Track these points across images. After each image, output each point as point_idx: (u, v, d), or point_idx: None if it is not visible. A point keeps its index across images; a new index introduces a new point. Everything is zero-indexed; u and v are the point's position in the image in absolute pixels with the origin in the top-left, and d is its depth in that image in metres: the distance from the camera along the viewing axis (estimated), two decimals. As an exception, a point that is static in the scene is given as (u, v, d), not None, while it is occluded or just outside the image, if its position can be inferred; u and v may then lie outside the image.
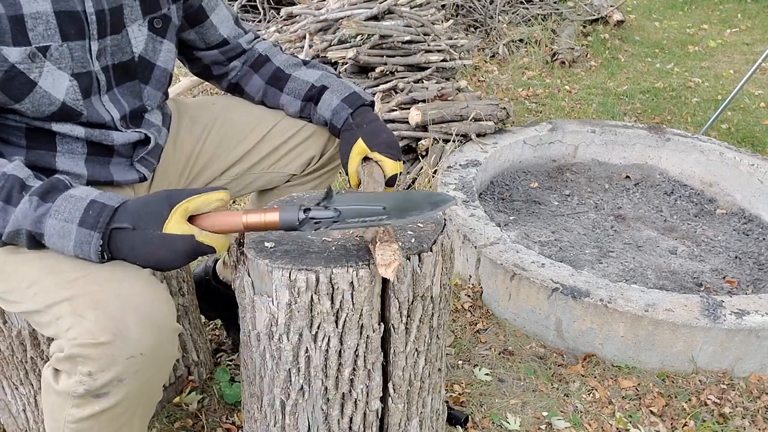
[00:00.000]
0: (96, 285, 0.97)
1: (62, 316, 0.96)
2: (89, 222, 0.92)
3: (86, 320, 0.94)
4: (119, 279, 0.98)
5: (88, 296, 0.95)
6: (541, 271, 1.93)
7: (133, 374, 0.97)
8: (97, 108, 1.13)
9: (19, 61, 0.99)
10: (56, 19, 1.01)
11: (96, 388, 0.96)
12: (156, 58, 1.21)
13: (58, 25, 1.01)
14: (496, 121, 2.86)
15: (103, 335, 0.93)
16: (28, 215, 0.93)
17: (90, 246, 0.93)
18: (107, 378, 0.95)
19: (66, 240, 0.93)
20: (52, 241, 0.94)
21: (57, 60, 1.03)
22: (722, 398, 1.74)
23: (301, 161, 1.42)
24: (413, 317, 1.06)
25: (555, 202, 2.74)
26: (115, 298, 0.95)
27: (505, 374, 1.81)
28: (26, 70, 1.01)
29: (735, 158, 2.78)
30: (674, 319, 1.76)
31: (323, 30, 3.36)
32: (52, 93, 1.05)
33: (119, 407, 1.00)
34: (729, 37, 5.77)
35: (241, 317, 1.11)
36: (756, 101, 4.18)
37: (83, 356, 0.94)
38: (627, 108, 3.97)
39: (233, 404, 1.64)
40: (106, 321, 0.94)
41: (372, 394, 1.10)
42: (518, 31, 5.02)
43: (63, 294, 0.97)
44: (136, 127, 1.22)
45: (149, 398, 1.07)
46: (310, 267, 0.97)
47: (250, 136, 1.39)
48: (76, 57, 1.05)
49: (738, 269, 2.31)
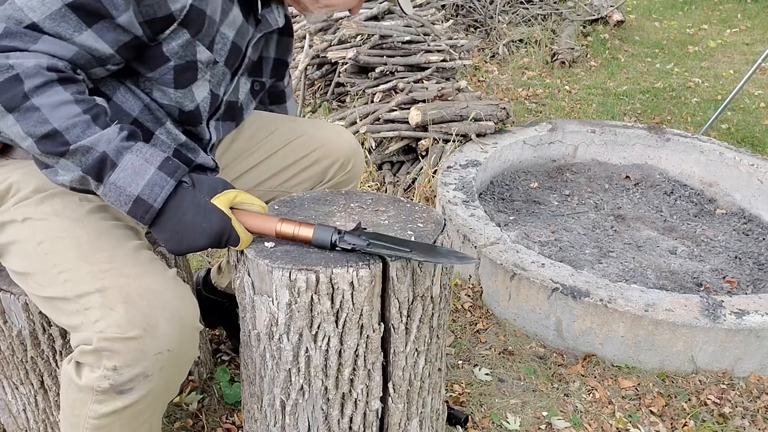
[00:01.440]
0: (127, 278, 0.98)
1: (91, 307, 0.97)
2: (168, 169, 0.97)
3: (116, 313, 0.95)
4: (150, 273, 1.00)
5: (119, 289, 0.97)
6: (541, 271, 1.93)
7: (159, 371, 0.98)
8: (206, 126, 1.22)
9: (203, 61, 1.10)
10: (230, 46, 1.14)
11: (121, 383, 0.97)
12: (246, 112, 1.33)
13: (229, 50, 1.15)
14: (496, 121, 2.86)
15: (133, 330, 0.94)
16: (112, 140, 0.94)
17: (162, 189, 0.95)
18: (133, 373, 0.96)
19: (139, 177, 0.95)
20: (122, 175, 0.94)
21: (213, 75, 1.15)
22: (722, 398, 1.74)
23: (309, 184, 1.46)
24: (413, 317, 1.06)
25: (555, 202, 2.74)
26: (145, 293, 0.97)
27: (505, 374, 1.81)
28: (201, 70, 1.11)
29: (735, 158, 2.78)
30: (674, 319, 1.76)
31: (323, 30, 3.36)
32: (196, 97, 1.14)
33: (142, 403, 1.01)
34: (729, 37, 5.77)
35: (241, 317, 1.11)
36: (756, 101, 4.19)
37: (110, 350, 0.95)
38: (627, 108, 3.97)
39: (233, 404, 1.64)
40: (136, 316, 0.95)
41: (372, 394, 1.10)
42: (518, 31, 5.02)
43: (95, 284, 0.98)
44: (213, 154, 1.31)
45: (169, 395, 1.09)
46: (311, 267, 0.97)
47: (261, 149, 1.43)
48: (219, 79, 1.17)
49: (738, 269, 2.31)
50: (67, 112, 0.92)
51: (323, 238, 1.00)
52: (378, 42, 3.08)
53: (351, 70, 3.19)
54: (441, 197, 2.34)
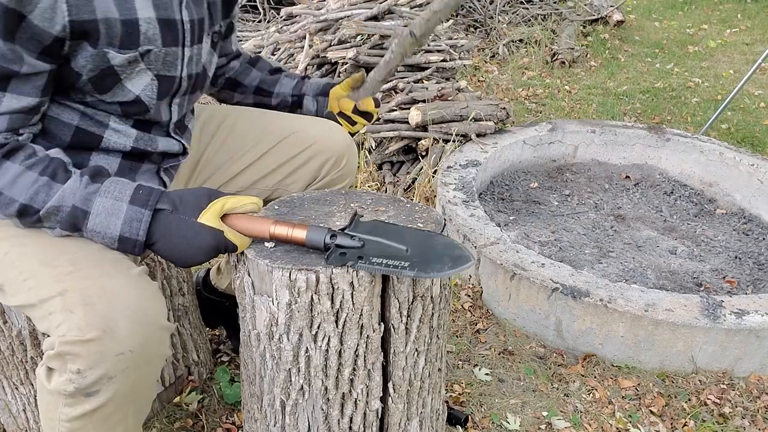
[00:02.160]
0: (88, 280, 0.97)
1: (54, 312, 0.97)
2: (140, 200, 0.97)
3: (75, 316, 0.94)
4: (110, 274, 0.99)
5: (79, 291, 0.96)
6: (541, 271, 1.93)
7: (122, 372, 0.97)
8: (162, 108, 1.17)
9: (119, 65, 1.03)
10: (158, 26, 1.06)
11: (85, 386, 0.96)
12: (210, 69, 1.27)
13: (160, 32, 1.06)
14: (496, 121, 2.86)
15: (91, 332, 0.93)
16: (76, 192, 0.95)
17: (141, 223, 0.96)
18: (96, 375, 0.95)
19: (115, 218, 0.96)
20: (97, 220, 0.96)
21: (151, 63, 1.08)
22: (722, 398, 1.74)
23: (304, 182, 1.44)
24: (413, 317, 1.06)
25: (555, 202, 2.74)
26: (105, 294, 0.96)
27: (505, 374, 1.81)
28: (120, 71, 1.05)
29: (735, 158, 2.78)
30: (674, 319, 1.76)
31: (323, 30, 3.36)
32: (129, 87, 1.08)
33: (110, 406, 1.00)
34: (729, 37, 5.77)
35: (241, 317, 1.11)
36: (756, 101, 4.19)
37: (72, 353, 0.94)
38: (627, 108, 3.97)
39: (233, 404, 1.64)
40: (95, 317, 0.94)
41: (372, 394, 1.10)
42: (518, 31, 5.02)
43: (56, 288, 0.97)
44: (180, 134, 1.26)
45: (141, 397, 1.07)
46: (311, 267, 0.97)
47: (254, 148, 1.42)
48: (167, 62, 1.10)
49: (738, 269, 2.31)
50: (25, 183, 0.95)
51: (316, 240, 0.99)
52: (378, 42, 3.08)
53: (351, 70, 3.19)
54: (441, 197, 2.34)
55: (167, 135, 1.22)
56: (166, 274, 1.47)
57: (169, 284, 1.50)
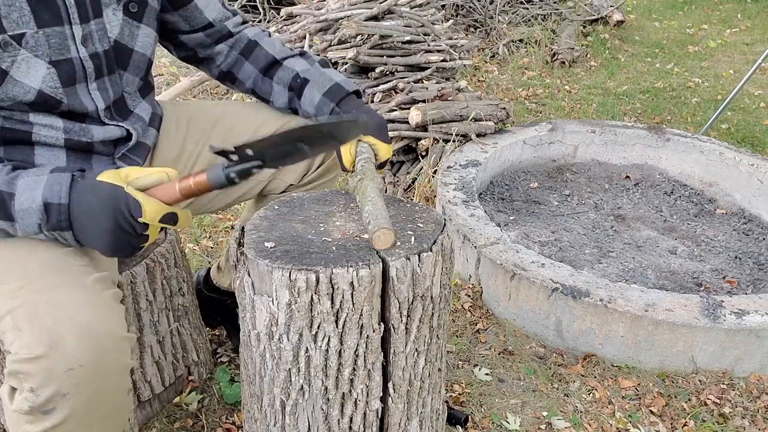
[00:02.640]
0: (36, 294, 0.95)
1: (6, 330, 0.94)
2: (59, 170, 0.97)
3: (24, 333, 0.91)
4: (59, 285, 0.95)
5: (27, 307, 0.93)
6: (541, 271, 1.93)
7: (76, 387, 0.93)
8: (82, 97, 1.10)
9: None
10: (29, 5, 0.97)
11: (39, 404, 0.92)
12: (134, 43, 1.16)
13: (32, 11, 0.98)
14: (496, 121, 2.86)
15: (38, 348, 0.90)
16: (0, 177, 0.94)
17: (61, 186, 0.94)
18: (48, 393, 0.91)
19: (36, 189, 0.94)
20: (22, 198, 0.94)
21: (33, 48, 0.99)
22: (722, 398, 1.74)
23: (298, 173, 1.41)
24: (413, 317, 1.06)
25: (555, 202, 2.74)
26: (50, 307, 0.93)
27: (505, 374, 1.81)
28: None
29: (735, 158, 2.78)
30: (674, 319, 1.76)
31: (323, 30, 3.36)
32: (26, 82, 1.01)
33: (69, 423, 0.96)
34: (729, 37, 5.77)
35: (241, 317, 1.11)
36: (756, 101, 4.18)
37: (23, 372, 0.91)
38: (627, 108, 3.97)
39: (233, 404, 1.64)
40: (41, 333, 0.91)
41: (372, 394, 1.10)
42: (518, 31, 5.02)
43: (7, 305, 0.95)
44: (121, 119, 1.19)
45: (106, 411, 1.02)
46: (310, 267, 0.97)
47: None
48: (53, 44, 1.01)
49: (738, 269, 2.31)
50: None
51: (217, 177, 0.98)
52: (378, 42, 3.08)
53: (351, 70, 3.19)
54: (441, 197, 2.34)
55: (101, 123, 1.15)
56: (166, 275, 1.47)
57: (169, 284, 1.50)
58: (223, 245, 2.36)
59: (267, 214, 1.13)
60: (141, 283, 1.41)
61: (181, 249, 1.58)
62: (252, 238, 1.05)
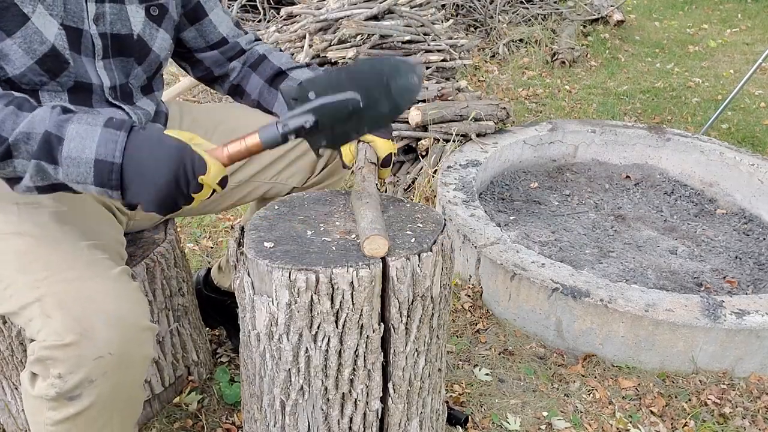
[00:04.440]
0: (63, 284, 0.97)
1: (33, 318, 0.97)
2: (114, 124, 0.93)
3: (53, 321, 0.94)
4: (86, 277, 0.98)
5: (55, 296, 0.96)
6: (541, 271, 1.93)
7: (103, 375, 0.97)
8: (87, 68, 1.12)
9: None
10: None
11: (67, 390, 0.96)
12: (152, 44, 1.21)
13: None
14: (496, 121, 2.86)
15: (69, 336, 0.93)
16: (47, 118, 0.91)
17: (116, 144, 0.91)
18: (77, 380, 0.95)
19: (89, 141, 0.91)
20: (71, 145, 0.90)
21: (50, 6, 1.03)
22: (722, 398, 1.74)
23: (302, 175, 1.43)
24: (413, 317, 1.06)
25: (555, 202, 2.73)
26: (81, 298, 0.96)
27: (505, 374, 1.80)
28: (20, 2, 1.00)
29: (735, 158, 2.78)
30: (674, 319, 1.75)
31: (323, 30, 3.35)
32: (44, 33, 1.03)
33: (93, 409, 1.00)
34: (729, 37, 5.77)
35: (241, 317, 1.11)
36: (756, 101, 4.18)
37: (52, 358, 0.94)
38: (627, 108, 3.97)
39: (233, 404, 1.64)
40: (72, 321, 0.94)
41: (372, 394, 1.10)
42: (518, 31, 5.02)
43: (33, 294, 0.97)
44: (126, 103, 1.20)
45: (126, 400, 1.06)
46: (310, 267, 0.96)
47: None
48: (68, 9, 1.05)
49: (738, 269, 2.31)
50: None
51: (272, 135, 0.98)
52: (378, 42, 3.08)
53: (351, 71, 3.19)
54: (441, 197, 2.34)
55: (108, 103, 1.16)
56: (166, 275, 1.47)
57: (169, 284, 1.49)
58: (223, 245, 2.36)
59: (267, 214, 1.13)
60: (141, 283, 1.41)
61: (181, 249, 1.58)
62: (252, 238, 1.05)
